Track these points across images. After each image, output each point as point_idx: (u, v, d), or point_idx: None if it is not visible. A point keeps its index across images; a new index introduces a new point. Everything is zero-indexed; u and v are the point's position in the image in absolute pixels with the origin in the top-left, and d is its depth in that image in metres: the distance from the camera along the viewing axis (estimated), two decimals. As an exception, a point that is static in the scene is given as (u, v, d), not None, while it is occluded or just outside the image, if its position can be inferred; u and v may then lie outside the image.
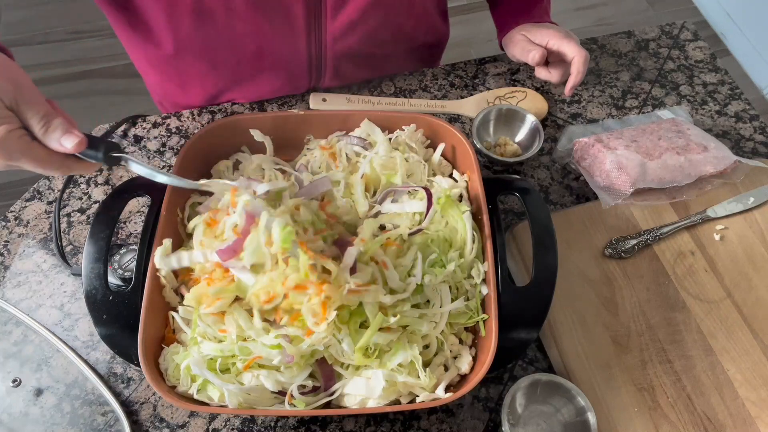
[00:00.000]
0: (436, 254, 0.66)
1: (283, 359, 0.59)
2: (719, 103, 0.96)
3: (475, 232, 0.68)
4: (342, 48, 0.89)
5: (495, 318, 0.62)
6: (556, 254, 0.67)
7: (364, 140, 0.76)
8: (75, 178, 0.84)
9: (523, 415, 0.67)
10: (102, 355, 0.72)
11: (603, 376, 0.70)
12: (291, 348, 0.58)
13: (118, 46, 0.97)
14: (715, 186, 0.83)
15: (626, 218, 0.81)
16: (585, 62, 0.89)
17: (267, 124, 0.77)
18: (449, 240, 0.68)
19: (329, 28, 0.85)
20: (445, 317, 0.64)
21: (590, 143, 0.83)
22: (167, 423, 0.68)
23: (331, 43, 0.87)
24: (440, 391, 0.61)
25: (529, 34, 0.93)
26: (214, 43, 0.85)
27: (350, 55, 0.91)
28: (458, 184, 0.74)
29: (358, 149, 0.76)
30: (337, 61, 0.91)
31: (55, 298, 0.75)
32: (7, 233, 0.80)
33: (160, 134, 0.89)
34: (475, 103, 0.94)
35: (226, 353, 0.60)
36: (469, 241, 0.67)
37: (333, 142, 0.77)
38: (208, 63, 0.89)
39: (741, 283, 0.77)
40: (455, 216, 0.69)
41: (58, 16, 2.32)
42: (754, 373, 0.71)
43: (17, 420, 0.68)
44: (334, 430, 0.68)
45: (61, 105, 0.57)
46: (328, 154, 0.76)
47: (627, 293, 0.75)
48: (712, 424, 0.68)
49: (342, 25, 0.85)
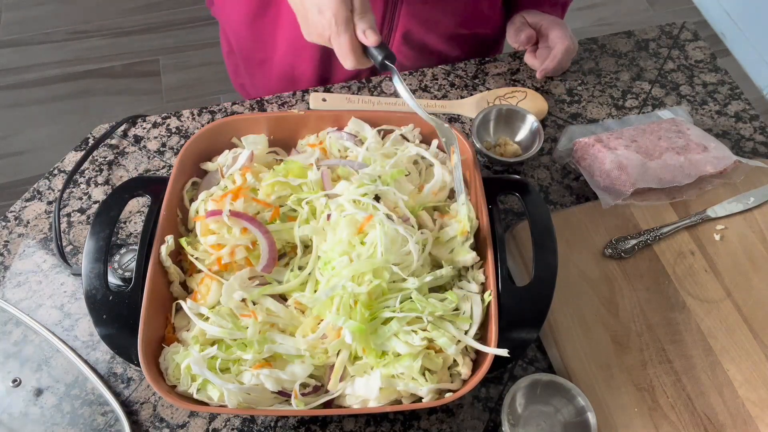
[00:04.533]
0: None
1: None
2: (719, 103, 0.96)
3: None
4: (417, 6, 0.89)
5: (495, 318, 0.62)
6: (556, 254, 0.66)
7: (354, 136, 0.76)
8: (75, 178, 0.85)
9: (523, 415, 0.67)
10: (102, 355, 0.72)
11: (603, 376, 0.70)
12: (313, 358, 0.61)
13: (118, 46, 0.97)
14: (715, 186, 0.83)
15: (626, 218, 0.81)
16: (566, 51, 0.90)
17: (267, 124, 0.77)
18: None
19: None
20: (470, 338, 0.63)
21: (590, 143, 0.83)
22: (167, 423, 0.68)
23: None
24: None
25: (527, 16, 0.94)
26: None
27: (422, 19, 0.91)
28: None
29: (348, 144, 0.76)
30: (409, 21, 0.91)
31: (55, 298, 0.75)
32: (7, 233, 0.80)
33: (160, 134, 0.89)
34: (475, 103, 0.94)
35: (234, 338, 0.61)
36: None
37: (323, 137, 0.77)
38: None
39: (741, 283, 0.77)
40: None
41: (58, 16, 2.32)
42: (754, 373, 0.71)
43: (17, 420, 0.68)
44: (334, 430, 0.68)
45: (61, 105, 0.57)
46: (319, 149, 0.75)
47: (627, 293, 0.75)
48: (712, 424, 0.68)
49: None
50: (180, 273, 0.67)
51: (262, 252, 0.65)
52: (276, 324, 0.64)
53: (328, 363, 0.62)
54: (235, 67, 1.15)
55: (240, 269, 0.65)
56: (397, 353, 0.61)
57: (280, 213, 0.68)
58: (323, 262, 0.65)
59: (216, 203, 0.67)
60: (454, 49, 1.00)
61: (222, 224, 0.65)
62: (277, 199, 0.69)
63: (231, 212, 0.65)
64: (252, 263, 0.66)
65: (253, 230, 0.65)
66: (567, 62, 0.95)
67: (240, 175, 0.70)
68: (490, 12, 0.97)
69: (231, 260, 0.65)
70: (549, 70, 0.94)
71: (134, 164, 0.86)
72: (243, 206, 0.67)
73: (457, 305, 0.63)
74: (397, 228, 0.63)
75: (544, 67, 0.93)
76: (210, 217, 0.65)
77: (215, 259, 0.65)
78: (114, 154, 0.87)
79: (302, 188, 0.70)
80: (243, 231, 0.65)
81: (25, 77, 2.15)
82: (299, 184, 0.70)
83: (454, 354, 0.61)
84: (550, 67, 0.93)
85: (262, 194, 0.69)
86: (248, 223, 0.65)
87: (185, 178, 0.73)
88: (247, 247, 0.65)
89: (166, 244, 0.65)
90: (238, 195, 0.67)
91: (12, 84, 2.13)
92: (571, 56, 0.94)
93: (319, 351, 0.62)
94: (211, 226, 0.66)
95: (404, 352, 0.60)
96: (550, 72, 0.95)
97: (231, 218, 0.65)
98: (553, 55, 0.92)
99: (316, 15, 0.67)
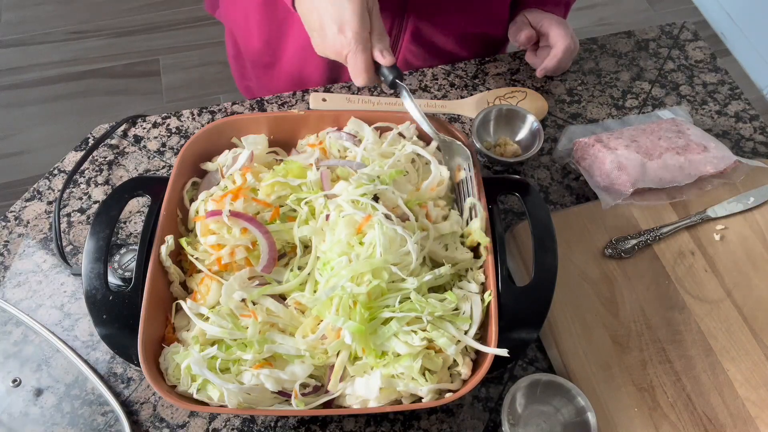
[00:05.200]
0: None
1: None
2: (719, 103, 0.96)
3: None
4: (426, 6, 0.89)
5: (495, 318, 0.62)
6: (556, 254, 0.67)
7: (353, 136, 0.76)
8: (75, 178, 0.85)
9: (523, 415, 0.67)
10: (102, 355, 0.72)
11: (603, 376, 0.70)
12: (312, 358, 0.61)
13: (118, 46, 0.98)
14: (715, 186, 0.83)
15: (626, 218, 0.81)
16: (566, 50, 0.90)
17: (267, 124, 0.77)
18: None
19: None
20: (470, 338, 0.63)
21: (590, 143, 0.83)
22: (167, 423, 0.68)
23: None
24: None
25: (529, 15, 0.94)
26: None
27: (431, 18, 0.92)
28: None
29: (347, 144, 0.75)
30: (418, 21, 0.91)
31: (55, 298, 0.75)
32: (7, 233, 0.80)
33: (160, 134, 0.89)
34: (475, 103, 0.94)
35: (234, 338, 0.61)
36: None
37: (323, 137, 0.77)
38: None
39: (741, 283, 0.77)
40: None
41: (58, 16, 2.32)
42: (754, 373, 0.71)
43: (17, 420, 0.68)
44: (334, 430, 0.68)
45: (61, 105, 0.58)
46: (319, 149, 0.75)
47: (627, 293, 0.75)
48: (712, 424, 0.68)
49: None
50: (180, 273, 0.67)
51: (262, 252, 0.65)
52: (276, 324, 0.64)
53: (328, 363, 0.62)
54: (242, 70, 1.15)
55: (240, 269, 0.65)
56: (396, 353, 0.61)
57: (280, 213, 0.68)
58: (322, 262, 0.65)
59: (216, 203, 0.67)
60: (463, 49, 1.00)
61: (222, 224, 0.65)
62: (276, 199, 0.69)
63: (231, 212, 0.65)
64: (252, 263, 0.66)
65: (253, 230, 0.65)
66: (568, 62, 0.95)
67: (240, 175, 0.70)
68: (499, 11, 0.97)
69: (231, 260, 0.65)
70: (549, 69, 0.94)
71: (134, 164, 0.86)
72: (243, 206, 0.67)
73: (456, 305, 0.63)
74: (395, 228, 0.63)
75: (544, 66, 0.93)
76: (210, 218, 0.65)
77: (215, 259, 0.65)
78: (114, 154, 0.87)
79: (302, 188, 0.70)
80: (243, 231, 0.65)
81: (25, 77, 2.15)
82: (299, 184, 0.70)
83: (453, 354, 0.61)
84: (550, 66, 0.93)
85: (262, 194, 0.69)
86: (248, 224, 0.65)
87: (185, 178, 0.73)
88: (247, 248, 0.65)
89: (166, 244, 0.65)
90: (238, 195, 0.67)
91: (12, 84, 2.13)
92: (571, 56, 0.94)
93: (319, 351, 0.62)
94: (211, 226, 0.66)
95: (404, 352, 0.60)
96: (550, 71, 0.94)
97: (231, 218, 0.65)
98: (554, 54, 0.91)
99: (336, 33, 0.68)
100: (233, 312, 0.63)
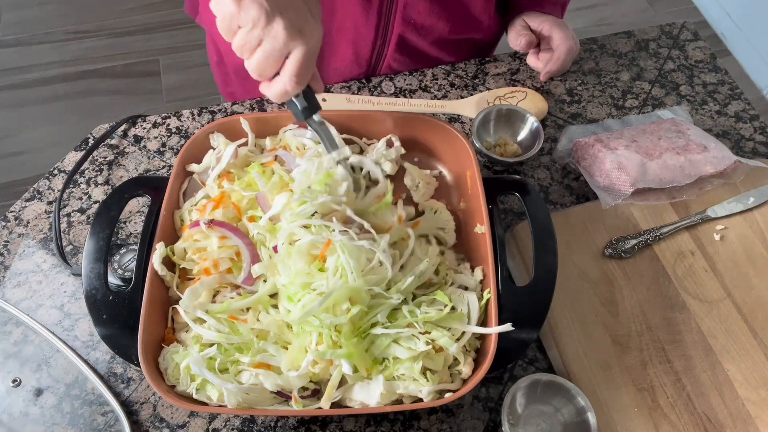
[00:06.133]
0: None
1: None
2: (719, 103, 0.96)
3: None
4: (411, 14, 0.89)
5: (495, 318, 0.62)
6: (556, 254, 0.67)
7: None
8: (75, 178, 0.85)
9: (523, 415, 0.67)
10: (102, 355, 0.72)
11: (603, 376, 0.70)
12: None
13: (118, 46, 0.98)
14: (715, 186, 0.83)
15: (626, 218, 0.81)
16: (568, 52, 0.90)
17: (267, 124, 0.77)
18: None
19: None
20: (469, 334, 0.63)
21: (590, 143, 0.83)
22: (167, 423, 0.68)
23: (402, 7, 0.87)
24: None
25: (528, 19, 0.94)
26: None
27: (416, 26, 0.91)
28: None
29: (306, 140, 0.74)
30: (403, 28, 0.91)
31: (55, 298, 0.75)
32: (7, 233, 0.80)
33: (160, 134, 0.89)
34: (475, 103, 0.94)
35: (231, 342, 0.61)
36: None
37: (281, 135, 0.76)
38: None
39: (741, 283, 0.77)
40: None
41: (58, 16, 2.32)
42: (754, 373, 0.71)
43: (17, 420, 0.68)
44: (334, 430, 0.68)
45: (61, 105, 0.58)
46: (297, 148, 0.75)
47: (627, 293, 0.75)
48: (712, 424, 0.68)
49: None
50: (175, 278, 0.67)
51: (244, 262, 0.65)
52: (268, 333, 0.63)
53: (324, 379, 0.61)
54: (225, 76, 1.13)
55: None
56: (396, 357, 0.61)
57: (255, 219, 0.68)
58: (286, 298, 0.61)
59: (200, 212, 0.67)
60: (449, 54, 1.00)
61: (206, 234, 0.65)
62: (248, 204, 0.69)
63: (213, 221, 0.64)
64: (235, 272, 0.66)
65: (235, 240, 0.65)
66: (569, 63, 0.96)
67: (217, 186, 0.70)
68: (482, 16, 0.97)
69: (216, 272, 0.65)
70: (552, 73, 0.94)
71: (134, 164, 0.86)
72: (224, 214, 0.67)
73: (452, 305, 0.63)
74: (359, 246, 0.60)
75: (548, 70, 0.93)
76: (193, 228, 0.65)
77: (202, 267, 0.65)
78: (114, 154, 0.87)
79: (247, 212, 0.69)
80: (221, 239, 0.65)
81: (25, 77, 2.15)
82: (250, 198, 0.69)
83: (455, 353, 0.61)
84: (554, 70, 0.94)
85: (235, 201, 0.69)
86: (230, 232, 0.65)
87: (185, 178, 0.73)
88: (232, 259, 0.65)
89: (157, 252, 0.65)
90: (219, 204, 0.67)
91: (12, 84, 2.13)
92: (573, 57, 0.94)
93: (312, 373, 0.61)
94: (196, 236, 0.65)
95: (405, 356, 0.60)
96: (553, 74, 0.95)
97: (209, 228, 0.65)
98: (556, 57, 0.92)
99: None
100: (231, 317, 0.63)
